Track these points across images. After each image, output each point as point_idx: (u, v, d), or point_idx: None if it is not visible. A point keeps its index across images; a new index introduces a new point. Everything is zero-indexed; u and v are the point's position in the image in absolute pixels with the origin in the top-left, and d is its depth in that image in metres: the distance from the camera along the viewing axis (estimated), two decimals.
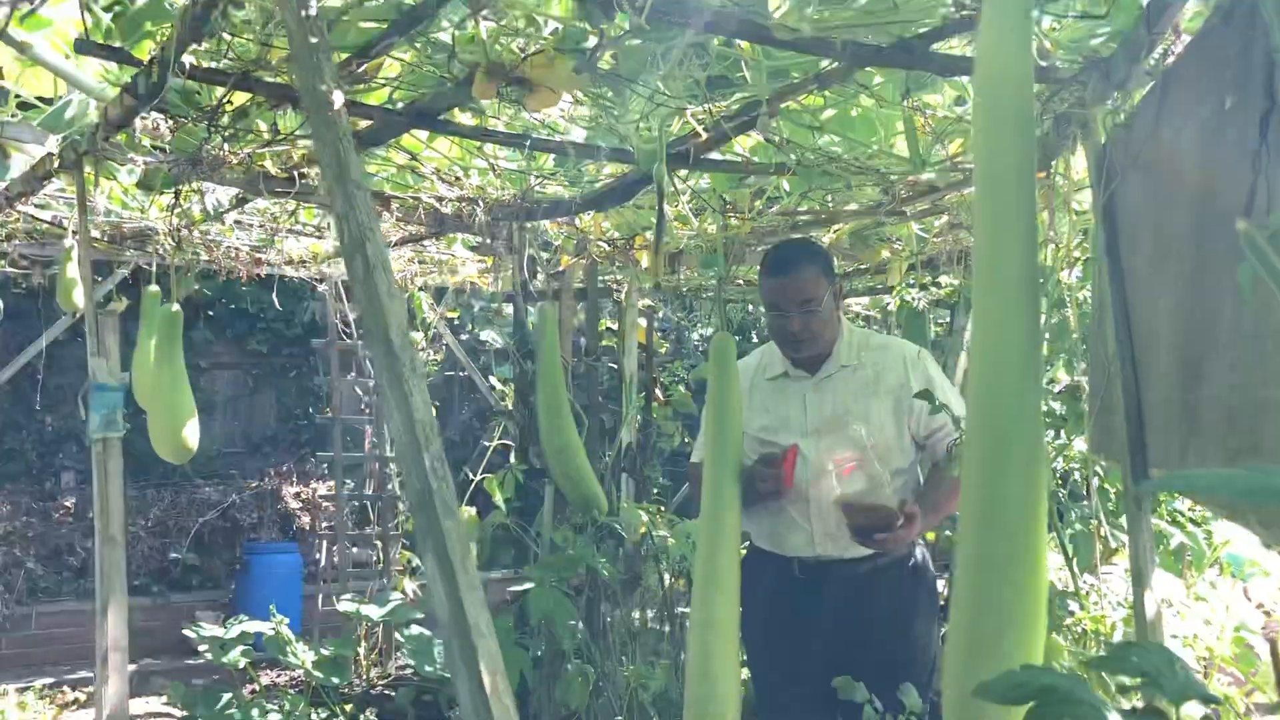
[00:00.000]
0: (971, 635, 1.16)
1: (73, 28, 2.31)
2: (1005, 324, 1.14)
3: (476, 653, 0.83)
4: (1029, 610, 1.12)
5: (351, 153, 1.04)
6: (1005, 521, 1.12)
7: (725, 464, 2.57)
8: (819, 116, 2.24)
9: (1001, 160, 1.15)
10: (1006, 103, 1.15)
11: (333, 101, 1.07)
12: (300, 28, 1.12)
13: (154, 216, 3.40)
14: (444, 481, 0.90)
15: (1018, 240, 1.14)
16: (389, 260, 0.99)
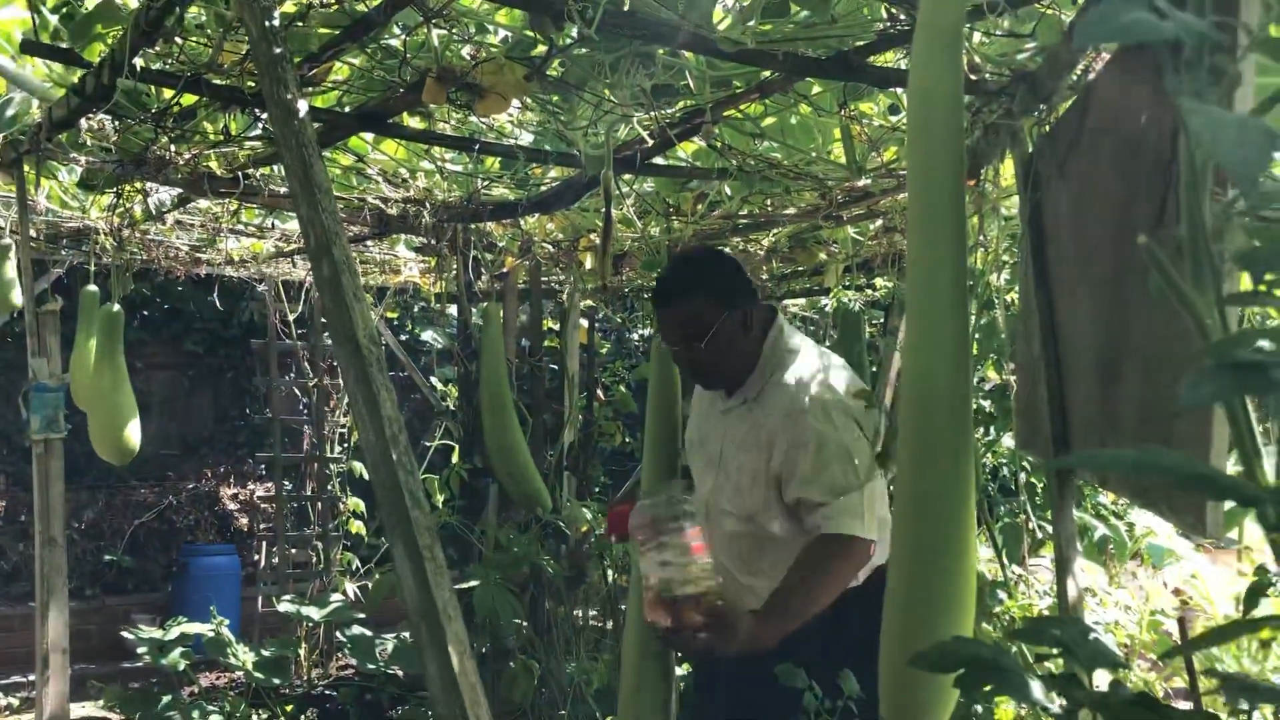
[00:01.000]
0: (905, 621, 1.23)
1: (18, 28, 2.31)
2: (936, 324, 1.21)
3: (445, 635, 0.88)
4: (959, 597, 1.20)
5: (317, 159, 1.09)
6: (936, 513, 1.20)
7: (663, 460, 2.64)
8: (760, 124, 2.32)
9: (933, 170, 1.22)
10: (938, 116, 1.22)
11: (297, 110, 1.11)
12: (264, 38, 1.16)
13: (94, 216, 3.37)
14: (411, 474, 0.94)
15: (949, 244, 1.21)
16: (354, 264, 1.03)
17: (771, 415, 2.23)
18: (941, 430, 1.19)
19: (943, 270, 1.22)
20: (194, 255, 4.23)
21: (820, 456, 2.16)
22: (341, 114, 2.26)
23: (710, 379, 2.36)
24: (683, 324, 2.25)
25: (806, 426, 2.19)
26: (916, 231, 1.24)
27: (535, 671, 3.25)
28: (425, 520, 0.92)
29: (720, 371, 2.31)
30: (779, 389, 2.26)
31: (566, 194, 2.64)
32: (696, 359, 2.27)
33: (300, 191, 1.09)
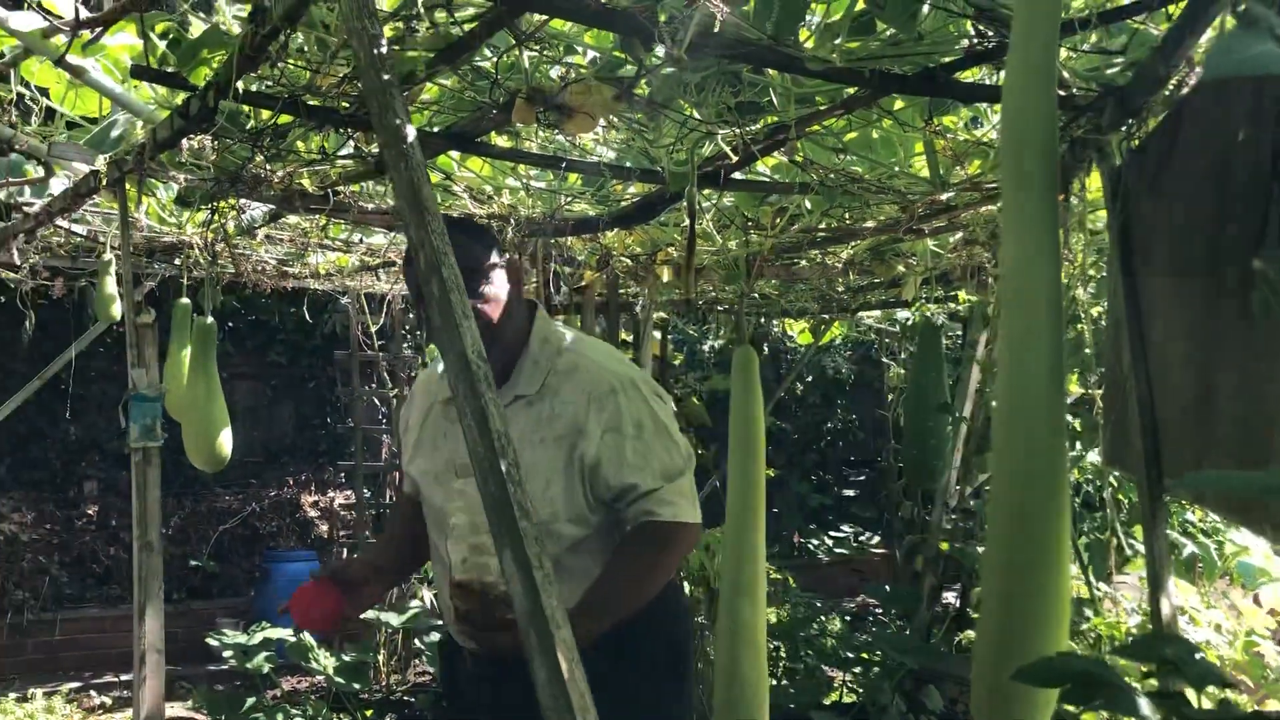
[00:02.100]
0: (999, 638, 1.23)
1: (126, 54, 2.41)
2: (1032, 341, 1.22)
3: (554, 642, 0.91)
4: (1055, 613, 1.20)
5: (426, 182, 1.13)
6: (1032, 528, 1.20)
7: (749, 474, 2.64)
8: (842, 139, 2.33)
9: (1028, 190, 1.23)
10: (1032, 136, 1.23)
11: (406, 135, 1.15)
12: (372, 66, 1.21)
13: (189, 231, 3.49)
14: (519, 486, 0.98)
15: (1044, 263, 1.22)
16: (462, 282, 1.07)
17: (570, 403, 1.99)
18: (1038, 446, 1.20)
19: (1038, 288, 1.22)
20: (281, 269, 4.34)
21: (642, 439, 1.99)
22: (431, 134, 2.32)
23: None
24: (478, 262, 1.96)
25: (620, 409, 1.99)
26: (1011, 249, 1.25)
27: None
28: (533, 530, 0.95)
29: (495, 343, 1.95)
30: (572, 374, 2.03)
31: (647, 209, 2.67)
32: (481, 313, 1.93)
33: (410, 214, 1.13)
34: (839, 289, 4.99)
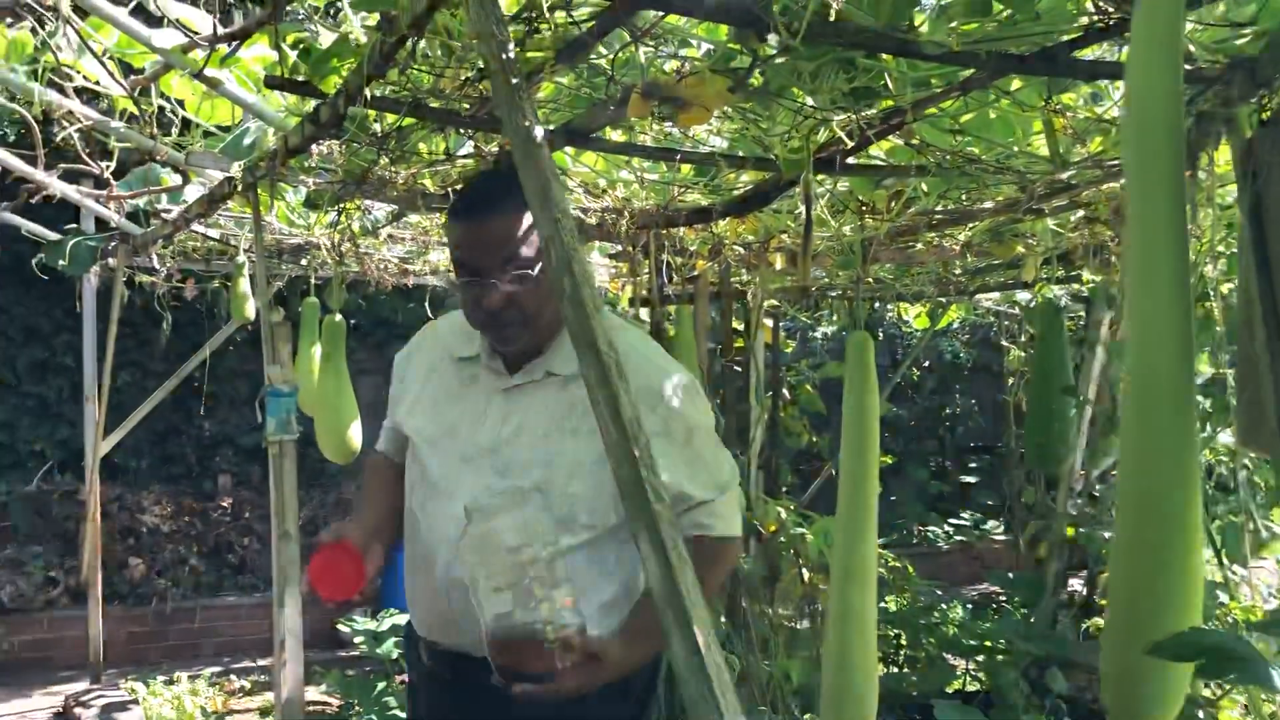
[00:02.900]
0: (1128, 623, 1.23)
1: (258, 65, 2.53)
2: (1159, 321, 1.21)
3: (690, 618, 0.94)
4: (1185, 597, 1.19)
5: (555, 182, 1.17)
6: (1161, 510, 1.19)
7: (862, 462, 2.64)
8: (959, 120, 2.31)
9: (1153, 169, 1.22)
10: (1156, 115, 1.21)
11: (535, 136, 1.20)
12: (502, 70, 1.26)
13: (317, 233, 3.63)
14: (651, 470, 1.01)
15: (1170, 243, 1.21)
16: (593, 276, 1.11)
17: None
18: (1166, 428, 1.19)
19: (1164, 268, 1.21)
20: (403, 267, 4.48)
21: (693, 446, 1.87)
22: (549, 130, 2.37)
23: (520, 332, 1.82)
24: (506, 242, 1.76)
25: (672, 411, 1.85)
26: (1137, 230, 1.24)
27: (735, 667, 3.31)
28: (666, 513, 0.99)
29: (534, 326, 1.82)
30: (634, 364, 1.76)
31: (761, 197, 2.69)
32: (514, 300, 1.76)
33: (540, 213, 1.18)
34: (956, 271, 4.92)
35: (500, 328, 1.81)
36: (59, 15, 2.47)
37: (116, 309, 4.80)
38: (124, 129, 3.05)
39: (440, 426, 1.90)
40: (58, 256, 4.27)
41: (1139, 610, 1.22)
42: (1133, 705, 1.24)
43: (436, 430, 1.91)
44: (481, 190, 1.87)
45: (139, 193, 3.64)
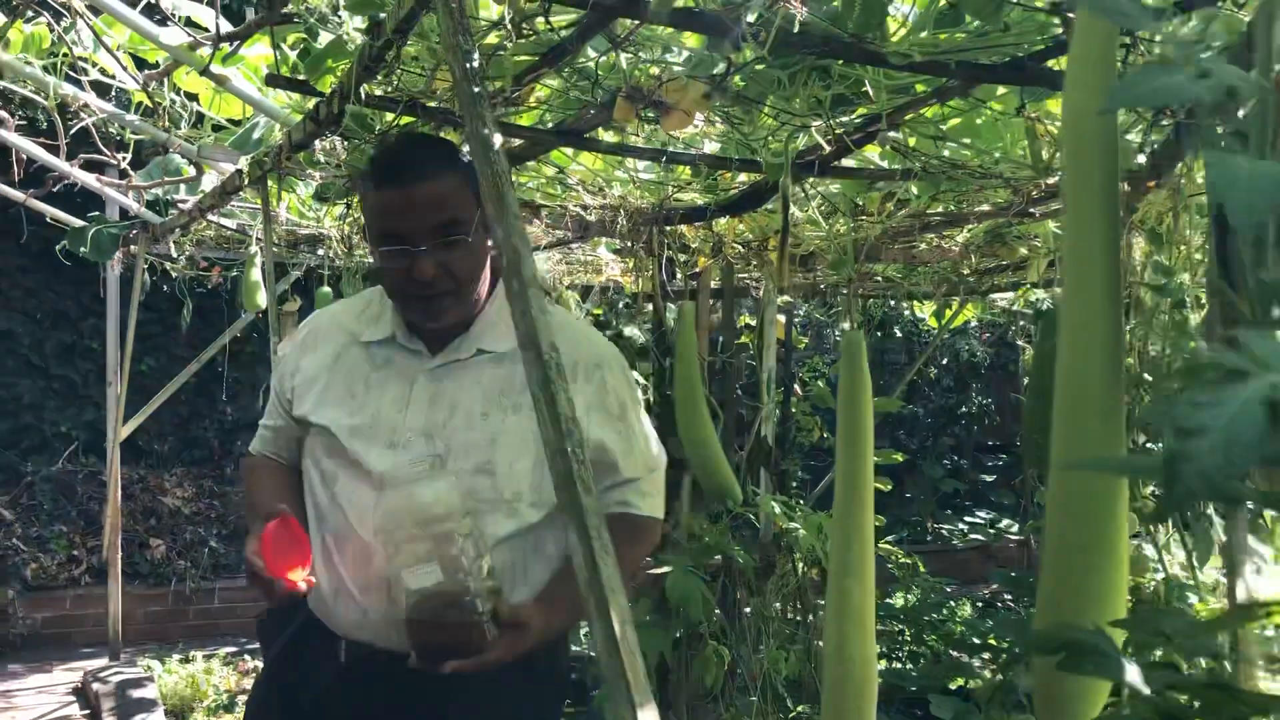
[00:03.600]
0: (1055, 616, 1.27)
1: (263, 63, 2.60)
2: (1088, 329, 1.25)
3: (609, 605, 1.00)
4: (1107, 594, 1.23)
5: (509, 187, 1.23)
6: (1084, 511, 1.24)
7: (856, 458, 2.68)
8: (943, 126, 2.35)
9: (1086, 185, 1.26)
10: (1092, 133, 1.25)
11: (493, 144, 1.26)
12: (465, 78, 1.32)
13: (327, 225, 3.71)
14: (582, 465, 1.07)
15: (1100, 257, 1.25)
16: (539, 279, 1.18)
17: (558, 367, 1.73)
18: (1092, 432, 1.23)
19: (1096, 276, 1.25)
20: None
21: (626, 422, 1.83)
22: (543, 131, 2.43)
23: (449, 305, 1.73)
24: (440, 207, 1.66)
25: (606, 384, 1.81)
26: (1071, 242, 1.28)
27: (726, 658, 3.37)
28: (593, 504, 1.05)
29: (466, 297, 1.75)
30: (569, 339, 1.75)
31: (754, 197, 2.74)
32: (448, 268, 1.68)
33: (495, 215, 1.24)
34: (964, 271, 4.94)
35: (431, 300, 1.71)
36: (73, 11, 2.56)
37: (137, 295, 4.91)
38: (139, 121, 3.13)
39: (361, 415, 1.78)
40: (80, 243, 4.38)
41: (1063, 610, 1.27)
42: (1058, 699, 1.29)
43: (358, 419, 1.77)
44: (409, 153, 1.73)
45: (158, 182, 3.74)
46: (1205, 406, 0.38)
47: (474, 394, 1.77)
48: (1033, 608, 3.73)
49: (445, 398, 1.77)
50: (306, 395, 1.85)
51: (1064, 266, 1.31)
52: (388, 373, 1.81)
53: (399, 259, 1.68)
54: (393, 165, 1.70)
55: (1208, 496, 0.39)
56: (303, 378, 1.86)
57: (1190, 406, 0.38)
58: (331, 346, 1.87)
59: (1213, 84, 0.53)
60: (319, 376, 1.85)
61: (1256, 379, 0.38)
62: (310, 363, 1.87)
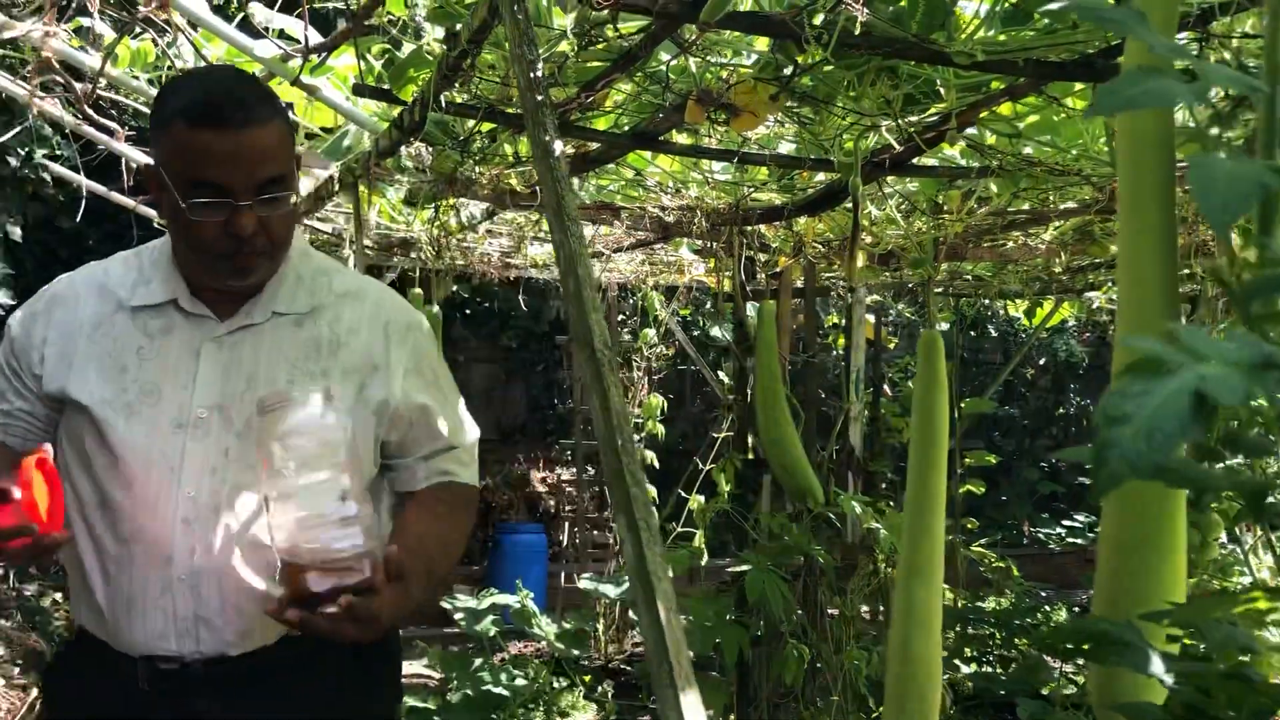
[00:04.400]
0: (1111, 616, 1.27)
1: (351, 73, 2.70)
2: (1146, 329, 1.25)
3: (655, 592, 1.05)
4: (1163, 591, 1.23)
5: (568, 192, 1.28)
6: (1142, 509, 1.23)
7: (928, 458, 2.68)
8: (1019, 123, 2.33)
9: (1144, 179, 1.25)
10: (1148, 127, 1.25)
11: (554, 150, 1.31)
12: (528, 88, 1.37)
13: (417, 228, 3.82)
14: (632, 457, 1.12)
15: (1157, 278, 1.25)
16: (594, 279, 1.22)
17: (359, 332, 1.64)
18: None
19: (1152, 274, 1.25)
20: (504, 260, 4.66)
21: (439, 388, 1.72)
22: (619, 134, 2.48)
23: (261, 264, 1.56)
24: (268, 159, 1.49)
25: (421, 349, 1.71)
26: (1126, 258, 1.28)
27: (806, 657, 3.37)
28: (642, 496, 1.09)
29: (277, 258, 1.59)
30: (359, 299, 1.68)
31: (828, 198, 2.75)
32: (270, 224, 1.51)
33: (554, 219, 1.29)
34: (1055, 270, 4.86)
35: (244, 257, 1.53)
36: (175, 28, 2.69)
37: None
38: None
39: (134, 389, 1.55)
40: None
41: (1119, 610, 1.27)
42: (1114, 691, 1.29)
43: (129, 394, 1.55)
44: (235, 92, 1.50)
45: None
46: (1133, 396, 0.40)
47: (274, 360, 1.59)
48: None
49: (240, 367, 1.58)
50: (62, 369, 1.58)
51: (1120, 269, 1.30)
52: (167, 341, 1.59)
53: (216, 211, 1.48)
54: (218, 104, 1.47)
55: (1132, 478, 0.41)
56: (55, 350, 1.59)
57: (1119, 396, 0.41)
58: (87, 313, 1.61)
59: (1200, 87, 0.54)
60: (75, 347, 1.58)
61: (1187, 370, 0.40)
62: (60, 333, 1.60)
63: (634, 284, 5.45)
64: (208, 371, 1.58)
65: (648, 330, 5.75)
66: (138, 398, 1.55)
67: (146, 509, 1.53)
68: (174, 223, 1.56)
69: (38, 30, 2.86)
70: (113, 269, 1.67)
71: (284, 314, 1.62)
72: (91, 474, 1.56)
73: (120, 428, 1.54)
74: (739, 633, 3.37)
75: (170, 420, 1.55)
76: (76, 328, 1.60)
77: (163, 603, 1.52)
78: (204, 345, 1.59)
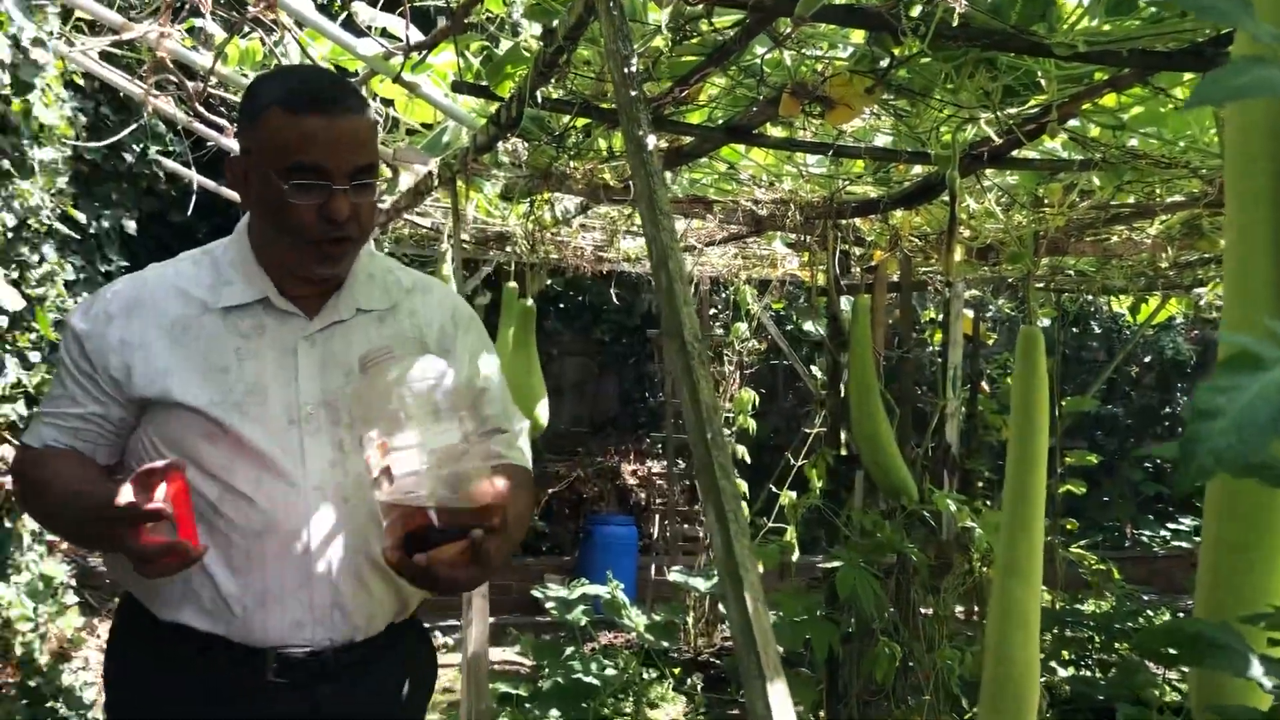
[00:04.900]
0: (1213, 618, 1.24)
1: (450, 70, 2.75)
2: (1251, 328, 1.21)
3: (743, 584, 1.05)
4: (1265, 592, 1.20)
5: (661, 186, 1.29)
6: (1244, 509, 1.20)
7: (1028, 456, 2.63)
8: (1123, 115, 2.27)
9: (1252, 175, 1.22)
10: (1257, 119, 1.21)
11: (647, 144, 1.32)
12: (623, 83, 1.39)
13: (512, 223, 3.87)
14: (722, 450, 1.13)
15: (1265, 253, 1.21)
16: (685, 272, 1.23)
17: (432, 323, 1.71)
18: None
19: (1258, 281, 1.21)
20: (597, 254, 4.69)
21: (493, 377, 1.78)
22: (712, 128, 2.49)
23: (348, 252, 1.61)
24: (362, 146, 1.55)
25: (480, 338, 1.77)
26: (1232, 253, 1.24)
27: (897, 654, 3.34)
28: (731, 489, 1.10)
29: (359, 248, 1.63)
30: (427, 292, 1.76)
31: (924, 191, 2.72)
32: (360, 212, 1.56)
33: (646, 213, 1.30)
34: (1161, 265, 4.72)
35: (335, 244, 1.57)
36: (282, 27, 2.77)
37: None
38: None
39: (239, 389, 1.58)
40: None
41: (1220, 611, 1.23)
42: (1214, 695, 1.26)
43: (236, 394, 1.57)
44: (332, 85, 1.58)
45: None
46: (1225, 391, 0.40)
47: (343, 361, 1.62)
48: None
49: (335, 361, 1.62)
50: (156, 374, 1.58)
51: (1225, 264, 1.27)
52: (261, 341, 1.61)
53: (314, 194, 1.51)
54: (316, 93, 1.54)
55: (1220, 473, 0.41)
56: (142, 355, 1.59)
57: (1211, 390, 0.40)
58: (172, 316, 1.61)
59: None
60: (167, 351, 1.59)
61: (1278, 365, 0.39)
62: (145, 337, 1.60)
63: (726, 278, 5.45)
64: (307, 368, 1.61)
65: (740, 324, 5.74)
66: (244, 397, 1.57)
67: (277, 504, 1.55)
68: (266, 211, 1.58)
69: (154, 32, 2.98)
70: (184, 271, 1.67)
71: (367, 310, 1.67)
72: (207, 473, 1.55)
73: (238, 427, 1.55)
74: (829, 629, 3.36)
75: (282, 417, 1.57)
76: (163, 331, 1.60)
77: (301, 594, 1.55)
78: (298, 344, 1.61)
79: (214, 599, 1.56)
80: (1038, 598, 2.63)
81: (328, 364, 1.62)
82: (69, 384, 1.63)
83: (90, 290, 6.12)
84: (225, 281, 1.64)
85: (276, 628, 1.56)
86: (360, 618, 1.59)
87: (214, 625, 1.56)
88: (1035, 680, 2.60)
